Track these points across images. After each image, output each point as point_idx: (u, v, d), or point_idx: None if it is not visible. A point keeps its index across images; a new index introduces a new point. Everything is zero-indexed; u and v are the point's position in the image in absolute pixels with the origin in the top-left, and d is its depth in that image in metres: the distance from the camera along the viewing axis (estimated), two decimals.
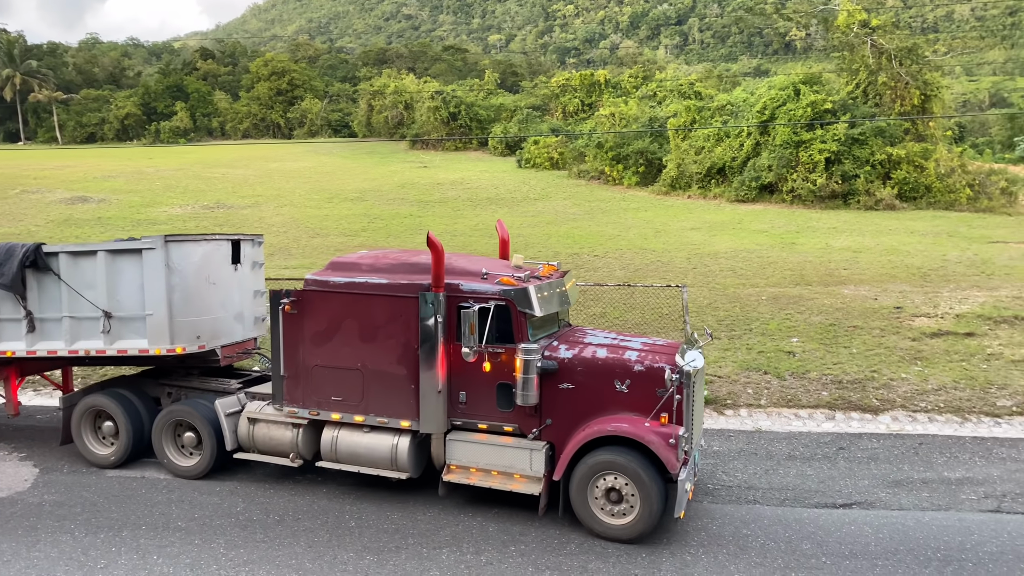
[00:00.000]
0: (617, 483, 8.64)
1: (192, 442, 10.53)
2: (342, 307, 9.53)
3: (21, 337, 10.90)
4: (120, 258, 10.45)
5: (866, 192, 33.66)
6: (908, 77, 35.97)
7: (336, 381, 9.65)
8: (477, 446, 9.27)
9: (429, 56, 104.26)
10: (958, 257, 23.05)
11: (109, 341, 10.55)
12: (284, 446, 10.10)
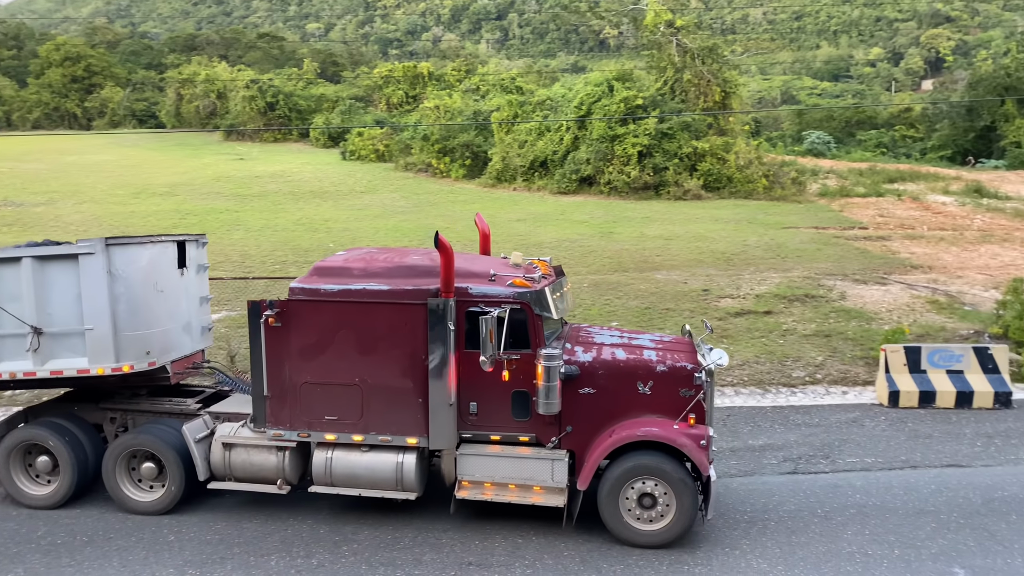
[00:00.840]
0: (652, 488, 8.41)
1: (152, 473, 9.32)
2: (336, 317, 8.67)
3: None
4: (50, 265, 9.11)
5: (675, 183, 35.78)
6: (710, 75, 38.61)
7: (330, 399, 8.78)
8: (492, 459, 8.75)
9: (243, 43, 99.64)
10: (757, 242, 25.07)
11: (40, 361, 9.18)
12: (267, 472, 9.08)
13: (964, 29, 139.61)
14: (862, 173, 41.64)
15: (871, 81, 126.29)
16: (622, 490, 8.43)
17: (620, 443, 8.38)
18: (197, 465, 9.16)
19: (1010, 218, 31.83)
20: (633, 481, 8.42)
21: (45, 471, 9.56)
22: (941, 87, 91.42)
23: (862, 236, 27.09)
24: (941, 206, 34.00)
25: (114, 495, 9.40)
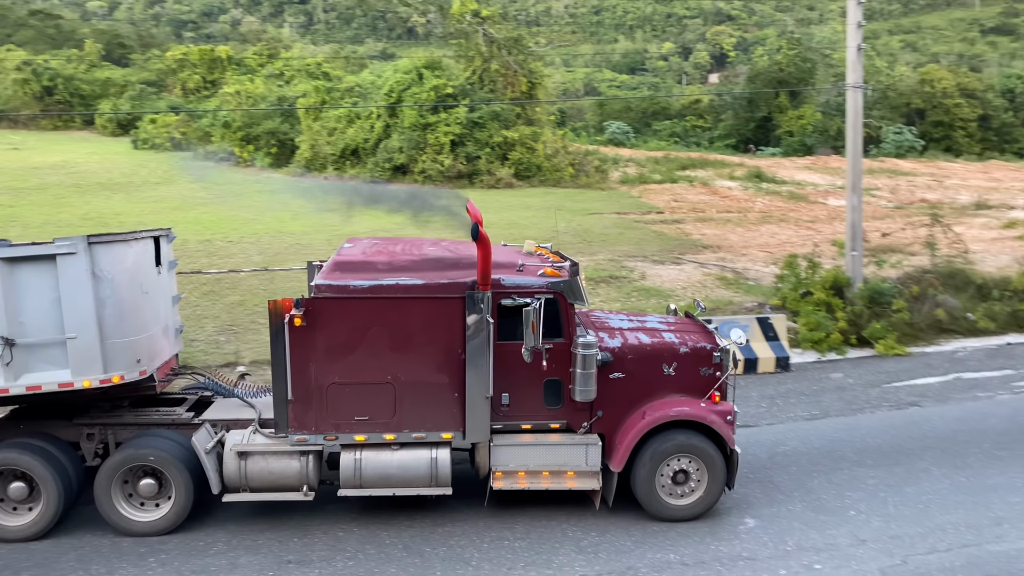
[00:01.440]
0: (686, 465, 8.84)
1: (151, 491, 8.49)
2: (367, 314, 8.35)
3: None
4: (22, 268, 8.03)
5: (488, 172, 36.41)
6: (516, 65, 39.52)
7: (360, 399, 8.46)
8: (525, 448, 8.79)
9: (12, 21, 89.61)
10: (565, 228, 26.04)
11: (12, 376, 8.08)
12: (289, 479, 8.52)
13: (743, 27, 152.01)
14: (658, 161, 44.40)
15: (665, 74, 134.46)
16: (659, 468, 8.82)
17: (656, 423, 8.74)
18: (210, 477, 8.45)
19: (786, 200, 35.19)
20: (670, 459, 8.83)
21: (18, 498, 8.43)
22: (725, 80, 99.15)
23: (659, 220, 28.92)
24: (727, 191, 36.97)
25: (109, 518, 8.49)
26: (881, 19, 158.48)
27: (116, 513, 8.49)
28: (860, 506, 9.49)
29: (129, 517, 8.53)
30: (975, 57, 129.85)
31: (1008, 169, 49.92)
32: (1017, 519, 9.20)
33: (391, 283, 8.49)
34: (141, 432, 8.81)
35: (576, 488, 8.87)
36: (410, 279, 8.55)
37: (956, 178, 44.70)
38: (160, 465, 8.43)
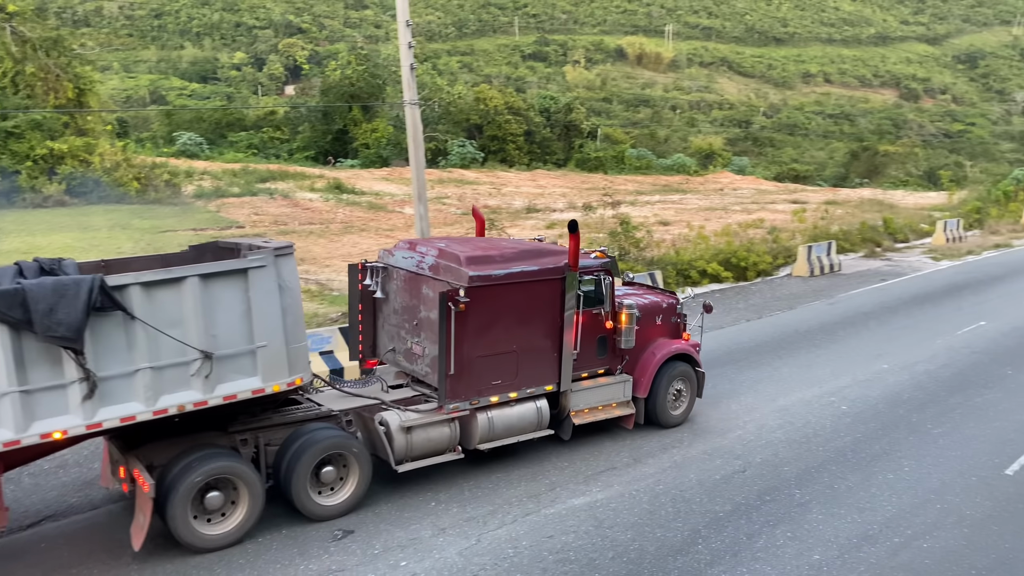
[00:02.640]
0: (681, 385, 12.47)
1: (333, 477, 9.42)
2: (502, 297, 10.23)
3: (72, 408, 7.68)
4: (215, 283, 8.27)
5: (32, 189, 31.73)
6: (58, 69, 34.99)
7: (494, 367, 10.38)
8: (588, 391, 11.49)
9: None
10: (133, 248, 23.76)
11: (210, 388, 8.37)
12: (442, 444, 10.21)
13: (315, 40, 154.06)
14: (236, 174, 42.93)
15: (239, 84, 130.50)
16: (668, 389, 12.28)
17: (666, 357, 12.22)
18: (390, 454, 9.77)
19: (366, 210, 36.48)
20: (673, 382, 12.33)
21: (215, 508, 8.68)
22: (301, 92, 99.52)
23: (239, 235, 27.92)
24: (309, 202, 37.14)
25: (302, 503, 9.26)
26: (442, 40, 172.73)
27: (308, 499, 9.26)
28: (440, 496, 10.15)
29: (318, 503, 9.38)
30: (519, 79, 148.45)
31: (550, 177, 58.01)
32: (566, 481, 10.64)
33: (518, 270, 10.50)
34: (298, 430, 9.45)
35: (619, 415, 11.87)
36: (527, 266, 10.65)
37: (511, 186, 50.61)
38: (347, 450, 9.48)
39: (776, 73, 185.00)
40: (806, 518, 9.81)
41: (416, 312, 10.74)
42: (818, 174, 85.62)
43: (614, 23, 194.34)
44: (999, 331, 19.03)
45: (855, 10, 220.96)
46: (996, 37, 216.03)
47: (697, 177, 64.66)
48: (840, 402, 13.95)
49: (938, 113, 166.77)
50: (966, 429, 12.80)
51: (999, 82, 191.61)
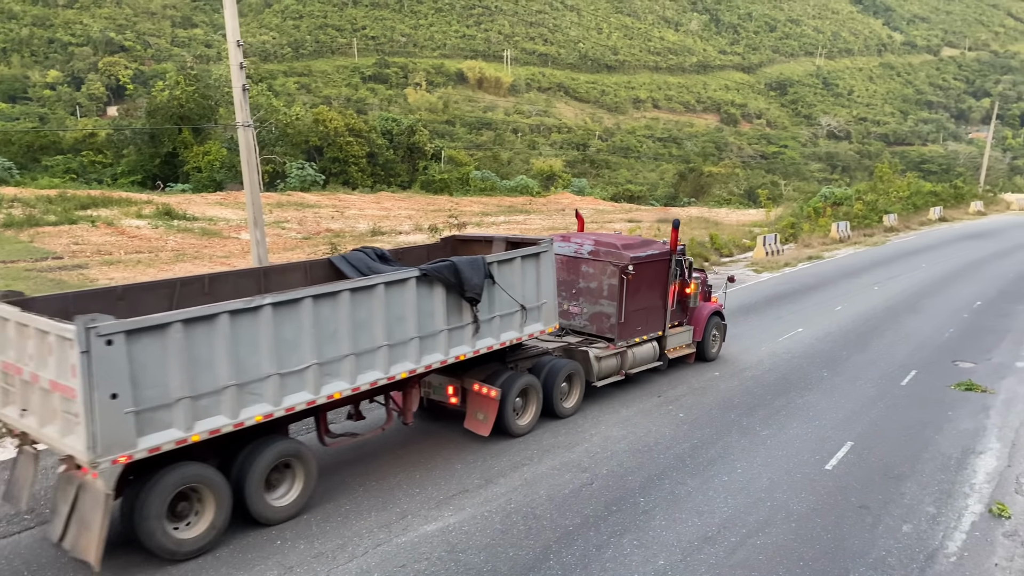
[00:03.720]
0: (716, 332, 18.11)
1: (567, 388, 14.13)
2: (642, 271, 15.13)
3: (466, 341, 11.92)
4: (526, 261, 12.76)
5: None
6: None
7: (639, 318, 15.53)
8: (674, 336, 16.72)
9: None
10: None
11: (521, 330, 12.84)
12: (613, 369, 15.18)
13: (139, 59, 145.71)
14: (52, 200, 39.71)
15: (54, 104, 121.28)
16: (710, 335, 17.81)
17: (711, 314, 17.71)
18: (593, 374, 14.69)
19: (199, 237, 34.70)
20: (713, 330, 17.86)
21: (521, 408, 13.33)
22: (125, 114, 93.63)
23: (57, 266, 25.81)
24: (136, 230, 34.87)
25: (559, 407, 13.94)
26: (277, 61, 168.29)
27: (559, 405, 13.92)
28: (286, 533, 9.71)
29: (564, 406, 14.07)
30: (360, 101, 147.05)
31: (395, 199, 57.59)
32: (418, 508, 10.48)
33: (647, 254, 15.39)
34: (540, 359, 13.99)
35: (687, 353, 17.20)
36: (651, 251, 15.61)
37: (355, 208, 49.80)
38: (575, 370, 14.19)
39: (609, 99, 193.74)
40: (650, 525, 10.17)
41: (575, 284, 15.58)
42: (651, 194, 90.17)
43: (453, 47, 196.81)
44: (815, 336, 20.66)
45: (678, 40, 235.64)
46: (802, 67, 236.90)
47: (540, 198, 66.31)
48: (678, 410, 14.63)
49: (755, 136, 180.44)
50: (790, 429, 13.76)
51: (806, 108, 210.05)
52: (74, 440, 8.07)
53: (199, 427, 8.72)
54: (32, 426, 8.78)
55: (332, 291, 10.00)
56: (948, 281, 29.62)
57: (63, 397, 8.14)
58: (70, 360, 7.91)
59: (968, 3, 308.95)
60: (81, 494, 8.57)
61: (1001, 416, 14.75)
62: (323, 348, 9.87)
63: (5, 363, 9.11)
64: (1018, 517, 10.70)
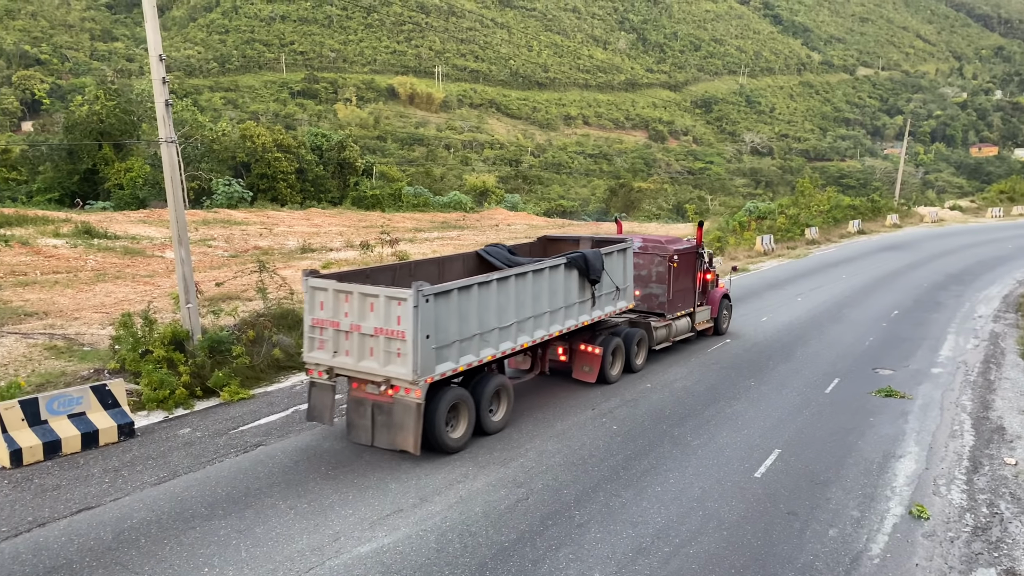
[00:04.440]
0: (727, 310, 22.77)
1: (636, 349, 18.38)
2: (680, 262, 19.77)
3: (587, 312, 16.41)
4: (618, 254, 17.41)
5: None
6: None
7: (679, 297, 20.02)
8: (699, 313, 21.15)
9: None
10: None
11: (614, 306, 17.45)
12: (664, 338, 19.51)
13: (56, 73, 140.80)
14: None
15: None
16: (722, 313, 22.34)
17: (721, 296, 22.25)
18: (654, 339, 19.10)
19: (121, 256, 33.54)
20: (723, 309, 22.43)
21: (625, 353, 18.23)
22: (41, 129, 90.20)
23: None
24: (53, 249, 33.51)
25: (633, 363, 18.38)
26: (203, 76, 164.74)
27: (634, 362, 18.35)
28: (213, 560, 9.42)
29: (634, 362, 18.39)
30: (289, 116, 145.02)
31: (325, 216, 56.83)
32: (351, 529, 10.30)
33: (682, 247, 20.11)
34: (619, 327, 18.33)
35: (707, 327, 21.76)
36: (684, 245, 20.33)
37: (284, 225, 48.94)
38: (641, 337, 18.50)
39: (540, 115, 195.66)
40: (586, 538, 10.21)
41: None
42: (583, 209, 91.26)
43: (384, 63, 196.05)
44: (742, 347, 21.17)
45: (606, 58, 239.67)
46: (726, 85, 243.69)
47: (473, 214, 66.39)
48: (611, 422, 14.77)
49: (682, 152, 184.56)
50: (720, 438, 14.03)
51: (730, 125, 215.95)
52: (397, 368, 12.09)
53: (462, 361, 12.94)
54: (347, 363, 12.67)
55: (522, 272, 14.30)
56: (868, 291, 30.75)
57: (387, 339, 12.11)
58: (397, 313, 11.96)
59: (880, 25, 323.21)
60: (377, 410, 12.66)
61: (919, 421, 15.34)
62: (518, 311, 14.16)
63: (316, 320, 12.94)
64: (936, 518, 11.12)
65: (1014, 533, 10.67)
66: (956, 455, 13.52)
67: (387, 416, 12.47)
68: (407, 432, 12.19)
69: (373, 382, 12.59)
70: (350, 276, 13.89)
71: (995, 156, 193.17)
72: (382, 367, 12.23)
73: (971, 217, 70.41)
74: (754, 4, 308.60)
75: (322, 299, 12.82)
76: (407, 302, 11.77)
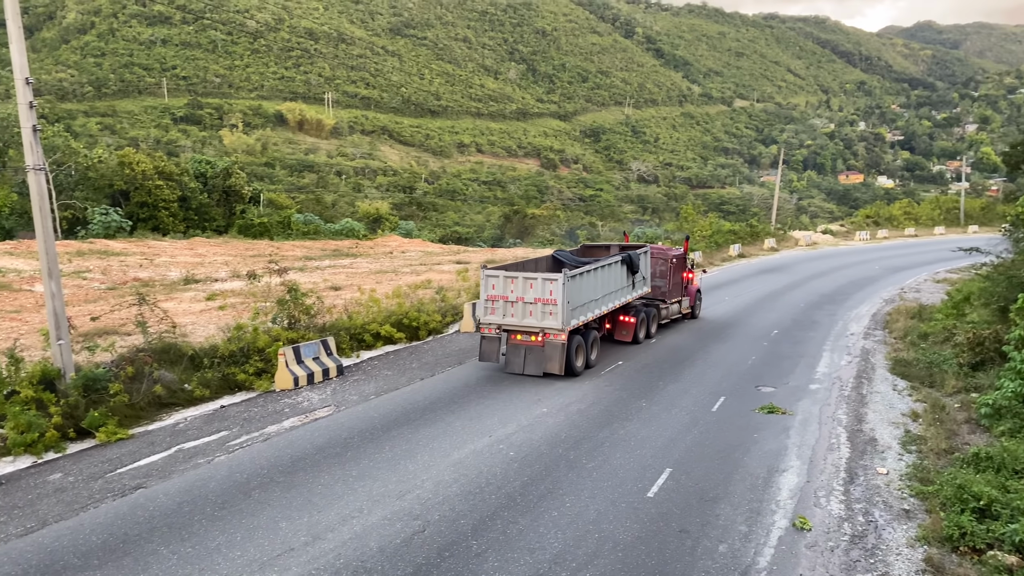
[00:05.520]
0: (698, 301, 31.02)
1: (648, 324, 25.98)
2: (677, 262, 28.26)
3: (627, 295, 24.09)
4: (644, 255, 25.40)
5: None
6: None
7: (672, 287, 28.07)
8: (684, 301, 29.51)
9: None
10: None
11: (641, 290, 25.26)
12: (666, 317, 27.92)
13: None
14: None
15: None
16: (695, 301, 30.61)
17: (696, 288, 30.76)
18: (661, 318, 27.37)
19: None
20: (698, 300, 30.93)
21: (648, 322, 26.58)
22: None
23: None
24: None
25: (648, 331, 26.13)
26: (77, 100, 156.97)
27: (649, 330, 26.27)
28: None
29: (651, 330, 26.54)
30: (171, 143, 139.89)
31: (210, 245, 54.82)
32: (239, 572, 9.85)
33: (678, 254, 28.80)
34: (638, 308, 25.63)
35: (688, 312, 30.00)
36: (676, 251, 29.09)
37: (166, 255, 46.87)
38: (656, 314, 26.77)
39: (434, 143, 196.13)
40: (483, 568, 10.12)
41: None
42: (478, 235, 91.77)
43: (272, 89, 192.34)
44: (634, 368, 21.67)
45: (498, 88, 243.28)
46: (612, 115, 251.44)
47: (367, 241, 65.53)
48: (508, 448, 14.77)
49: (573, 180, 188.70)
50: (614, 460, 14.27)
51: (617, 153, 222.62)
52: (551, 322, 19.75)
53: (580, 319, 20.69)
54: (512, 322, 20.20)
55: (604, 264, 22.44)
56: (749, 312, 32.13)
57: (544, 304, 19.72)
58: (551, 288, 19.68)
59: (755, 60, 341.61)
60: (527, 352, 20.31)
61: (799, 435, 16.07)
62: (603, 289, 22.28)
63: (490, 295, 20.30)
64: (817, 528, 11.62)
65: (888, 539, 11.28)
66: (834, 467, 14.21)
67: (537, 354, 20.26)
68: (555, 361, 20.08)
69: (529, 333, 20.26)
70: (509, 267, 21.86)
71: (861, 183, 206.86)
72: (539, 322, 20.03)
73: (841, 240, 74.88)
74: (637, 38, 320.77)
75: (493, 282, 20.48)
76: (559, 281, 19.70)
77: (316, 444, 14.87)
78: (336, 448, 14.63)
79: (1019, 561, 10.19)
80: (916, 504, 12.43)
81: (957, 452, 14.44)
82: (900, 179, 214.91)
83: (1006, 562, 10.16)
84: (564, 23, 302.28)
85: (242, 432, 15.67)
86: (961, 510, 11.51)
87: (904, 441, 15.57)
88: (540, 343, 20.02)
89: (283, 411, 17.18)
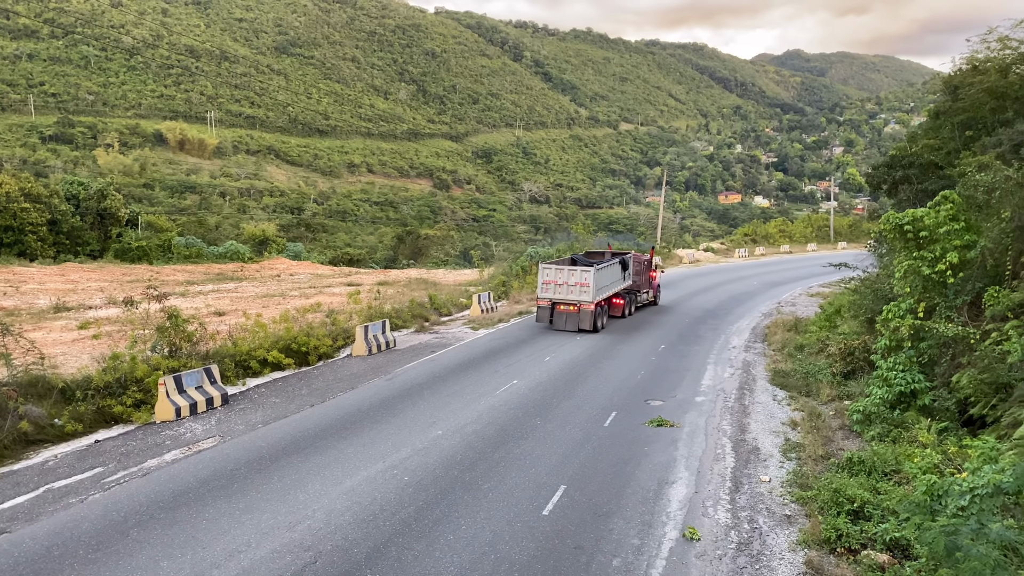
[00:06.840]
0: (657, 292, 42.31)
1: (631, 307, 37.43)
2: (644, 265, 40.05)
3: (622, 284, 35.76)
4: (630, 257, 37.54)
5: None
6: None
7: (643, 283, 39.73)
8: (650, 292, 40.87)
9: None
10: None
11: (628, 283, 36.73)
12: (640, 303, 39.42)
13: None
14: None
15: None
16: (656, 294, 42.17)
17: (657, 284, 42.27)
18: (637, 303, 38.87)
19: None
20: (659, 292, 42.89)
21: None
22: None
23: None
24: None
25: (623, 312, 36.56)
26: None
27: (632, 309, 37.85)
28: None
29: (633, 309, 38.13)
30: (40, 163, 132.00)
31: (84, 270, 51.85)
32: None
33: (648, 258, 41.30)
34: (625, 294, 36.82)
35: (651, 300, 41.17)
36: (647, 256, 41.41)
37: (34, 282, 44.01)
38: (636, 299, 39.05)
39: (323, 163, 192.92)
40: None
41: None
42: (370, 257, 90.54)
43: (150, 107, 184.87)
44: (528, 387, 21.83)
45: (388, 108, 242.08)
46: (503, 137, 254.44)
47: (252, 264, 63.54)
48: (403, 473, 14.56)
49: (466, 200, 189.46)
50: (510, 479, 14.29)
51: (510, 174, 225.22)
52: (586, 296, 30.94)
53: (600, 297, 32.04)
54: (559, 297, 31.30)
55: (610, 263, 34.25)
56: (637, 327, 33.02)
57: (580, 286, 30.89)
58: (586, 276, 30.83)
59: (638, 85, 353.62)
60: (568, 316, 31.45)
61: (687, 447, 16.57)
62: (609, 279, 33.48)
63: (546, 280, 31.43)
64: (706, 538, 11.99)
65: (771, 545, 11.75)
66: (720, 477, 14.72)
67: (574, 318, 31.07)
68: (587, 322, 30.89)
69: (571, 304, 31.00)
70: (559, 263, 33.79)
71: (739, 203, 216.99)
72: (577, 298, 30.80)
73: (722, 257, 78.15)
74: (526, 62, 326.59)
75: (547, 272, 31.39)
76: (591, 272, 30.66)
77: (200, 477, 14.22)
78: (221, 480, 14.04)
79: (890, 559, 10.81)
80: (797, 509, 13.02)
81: (833, 458, 15.25)
82: (775, 199, 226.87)
83: (878, 560, 10.77)
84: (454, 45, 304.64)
85: (119, 467, 14.81)
86: (837, 513, 12.14)
87: (784, 449, 16.31)
88: (576, 311, 31.09)
89: (164, 443, 16.36)
